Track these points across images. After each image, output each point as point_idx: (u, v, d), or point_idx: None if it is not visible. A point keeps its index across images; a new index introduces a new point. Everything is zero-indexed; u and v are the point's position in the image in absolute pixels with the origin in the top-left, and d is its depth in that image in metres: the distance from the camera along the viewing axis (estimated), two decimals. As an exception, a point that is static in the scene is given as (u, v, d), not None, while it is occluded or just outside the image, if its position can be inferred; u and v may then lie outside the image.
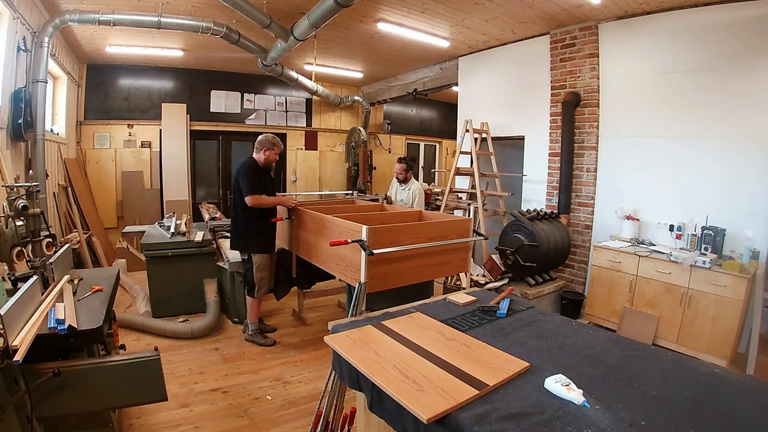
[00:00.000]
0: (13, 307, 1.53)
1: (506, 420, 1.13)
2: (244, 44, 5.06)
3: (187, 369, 3.11)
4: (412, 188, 4.41)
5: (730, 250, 3.52)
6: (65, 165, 5.56)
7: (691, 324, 3.47)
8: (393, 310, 2.01)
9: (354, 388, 1.55)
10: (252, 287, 3.48)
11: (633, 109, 4.23)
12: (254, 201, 3.25)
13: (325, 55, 6.26)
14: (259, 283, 3.44)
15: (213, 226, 4.80)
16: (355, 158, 8.43)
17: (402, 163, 4.50)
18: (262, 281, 3.45)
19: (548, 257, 4.06)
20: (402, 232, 2.63)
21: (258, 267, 3.41)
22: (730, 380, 1.41)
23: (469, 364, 1.42)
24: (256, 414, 2.61)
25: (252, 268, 3.44)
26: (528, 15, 4.40)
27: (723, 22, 3.58)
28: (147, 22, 4.33)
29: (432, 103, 9.66)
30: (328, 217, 2.93)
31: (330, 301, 4.55)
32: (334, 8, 3.71)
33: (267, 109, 7.93)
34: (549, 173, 4.92)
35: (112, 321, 2.52)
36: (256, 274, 3.42)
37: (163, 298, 3.98)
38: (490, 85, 5.74)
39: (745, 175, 3.51)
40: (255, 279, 3.42)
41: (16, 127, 3.68)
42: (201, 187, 7.68)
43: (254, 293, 3.47)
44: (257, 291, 3.46)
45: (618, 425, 1.12)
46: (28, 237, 2.17)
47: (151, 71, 6.90)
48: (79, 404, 1.73)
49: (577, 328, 1.85)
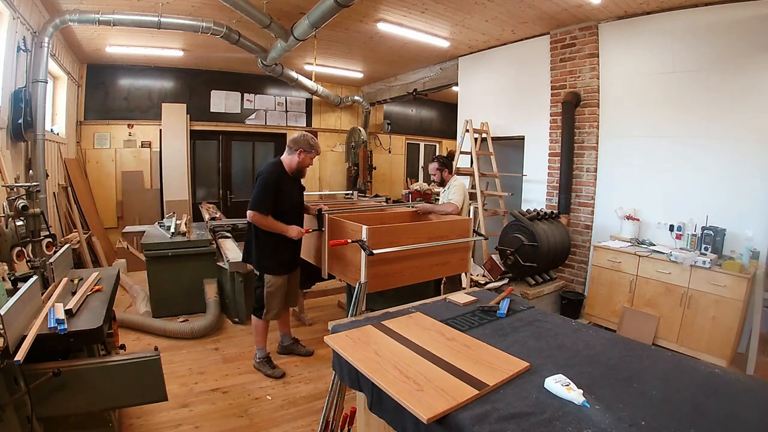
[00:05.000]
0: (13, 307, 1.53)
1: (506, 420, 1.13)
2: (244, 44, 5.06)
3: (187, 369, 3.11)
4: (451, 186, 3.72)
5: (730, 250, 3.51)
6: (65, 165, 5.56)
7: (691, 324, 3.47)
8: (393, 310, 2.01)
9: (354, 388, 1.55)
10: (260, 307, 3.01)
11: (633, 109, 4.23)
12: (256, 219, 2.79)
13: (325, 55, 6.26)
14: (268, 305, 2.98)
15: (213, 226, 4.81)
16: (355, 158, 8.43)
17: (434, 162, 3.82)
18: (272, 304, 2.99)
19: (548, 257, 4.06)
20: (402, 232, 2.63)
21: (269, 287, 2.97)
22: (730, 380, 1.41)
23: (469, 364, 1.42)
24: (256, 414, 2.61)
25: (262, 287, 2.98)
26: (528, 15, 4.40)
27: (723, 22, 3.58)
28: (147, 22, 4.32)
29: (432, 103, 9.66)
30: (331, 218, 2.92)
31: (330, 301, 4.54)
32: (334, 8, 3.71)
33: (267, 109, 7.93)
34: (549, 173, 4.92)
35: (112, 321, 2.52)
36: (267, 295, 2.97)
37: (163, 298, 3.98)
38: (490, 85, 5.74)
39: (745, 175, 3.51)
40: (264, 299, 2.98)
41: (16, 127, 3.67)
42: (201, 187, 7.67)
43: (261, 314, 3.02)
44: (265, 313, 3.00)
45: (618, 425, 1.12)
46: (28, 237, 2.17)
47: (151, 71, 6.90)
48: (79, 404, 1.73)
49: (577, 328, 1.85)
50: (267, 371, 3.08)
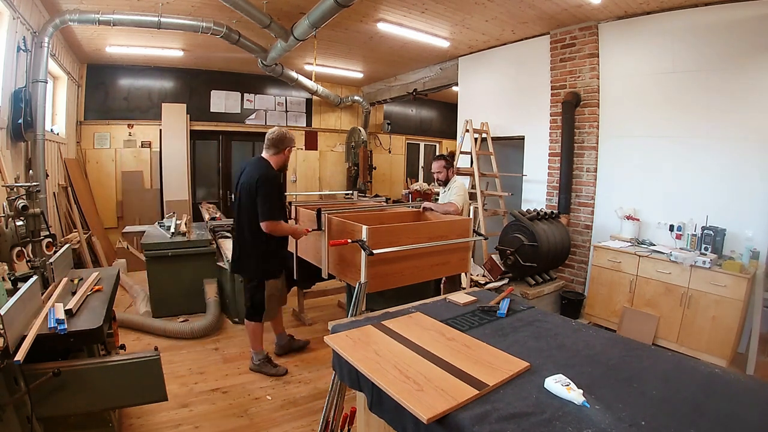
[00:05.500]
0: (13, 307, 1.53)
1: (506, 420, 1.13)
2: (244, 44, 5.06)
3: (187, 369, 3.11)
4: (452, 187, 3.72)
5: (730, 250, 3.52)
6: (65, 165, 5.56)
7: (691, 324, 3.47)
8: (393, 310, 2.01)
9: (354, 388, 1.55)
10: (256, 311, 2.98)
11: (633, 109, 4.23)
12: (272, 228, 2.74)
13: (325, 55, 6.26)
14: (269, 307, 3.00)
15: (213, 226, 4.81)
16: (355, 158, 8.43)
17: (440, 160, 3.75)
18: (273, 305, 3.01)
19: (548, 257, 4.06)
20: (402, 232, 2.63)
21: (271, 290, 2.98)
22: (730, 380, 1.41)
23: (469, 364, 1.42)
24: (256, 414, 2.61)
25: (253, 288, 2.98)
26: (528, 15, 4.40)
27: (723, 22, 3.58)
28: (147, 22, 4.32)
29: (432, 103, 9.66)
30: (331, 218, 2.91)
31: (330, 301, 4.54)
32: (334, 8, 3.71)
33: (267, 109, 7.93)
34: (549, 173, 4.92)
35: (112, 321, 2.52)
36: (268, 299, 2.97)
37: (163, 298, 3.98)
38: (490, 85, 5.74)
39: (745, 175, 3.51)
40: (265, 303, 2.97)
41: (16, 127, 3.67)
42: (201, 187, 7.68)
43: (261, 317, 2.99)
44: (266, 315, 3.00)
45: (618, 425, 1.12)
46: (28, 237, 2.17)
47: (151, 71, 6.90)
48: (79, 404, 1.73)
49: (577, 328, 1.85)
50: (270, 371, 3.06)
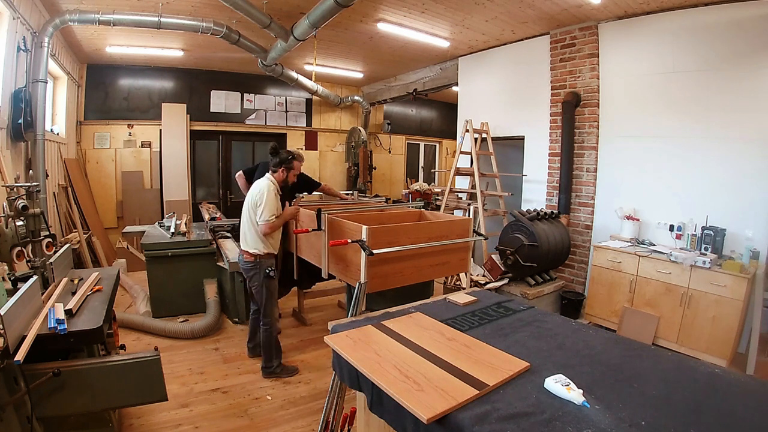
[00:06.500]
0: (13, 307, 1.53)
1: (506, 420, 1.13)
2: (244, 44, 5.06)
3: (187, 369, 3.11)
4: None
5: (730, 250, 3.52)
6: (65, 165, 5.56)
7: (691, 324, 3.47)
8: (393, 310, 2.01)
9: (354, 388, 1.55)
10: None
11: (633, 109, 4.23)
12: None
13: (325, 55, 6.26)
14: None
15: (213, 226, 4.80)
16: (355, 158, 8.43)
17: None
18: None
19: (548, 257, 4.06)
20: (402, 232, 2.63)
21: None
22: (730, 380, 1.41)
23: (469, 364, 1.42)
24: (256, 414, 2.61)
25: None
26: (528, 15, 4.40)
27: (723, 22, 3.58)
28: (147, 22, 4.32)
29: (432, 103, 9.66)
30: (331, 218, 2.91)
31: (330, 301, 4.54)
32: (334, 8, 3.71)
33: (267, 109, 7.93)
34: (549, 173, 4.92)
35: (112, 321, 2.52)
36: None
37: (163, 298, 3.98)
38: (490, 85, 5.74)
39: (745, 175, 3.51)
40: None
41: (16, 127, 3.67)
42: (201, 187, 7.67)
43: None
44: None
45: (618, 425, 1.12)
46: (28, 237, 2.17)
47: (151, 71, 6.90)
48: (79, 404, 1.74)
49: (577, 328, 1.85)
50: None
